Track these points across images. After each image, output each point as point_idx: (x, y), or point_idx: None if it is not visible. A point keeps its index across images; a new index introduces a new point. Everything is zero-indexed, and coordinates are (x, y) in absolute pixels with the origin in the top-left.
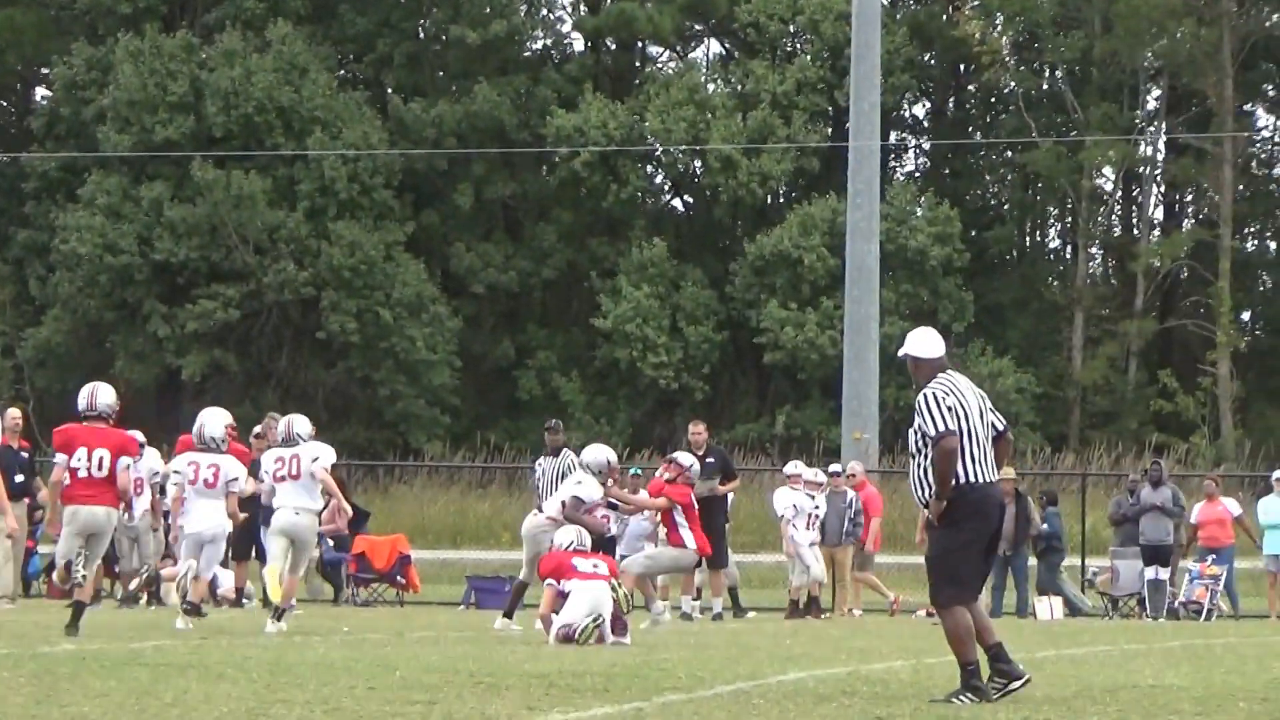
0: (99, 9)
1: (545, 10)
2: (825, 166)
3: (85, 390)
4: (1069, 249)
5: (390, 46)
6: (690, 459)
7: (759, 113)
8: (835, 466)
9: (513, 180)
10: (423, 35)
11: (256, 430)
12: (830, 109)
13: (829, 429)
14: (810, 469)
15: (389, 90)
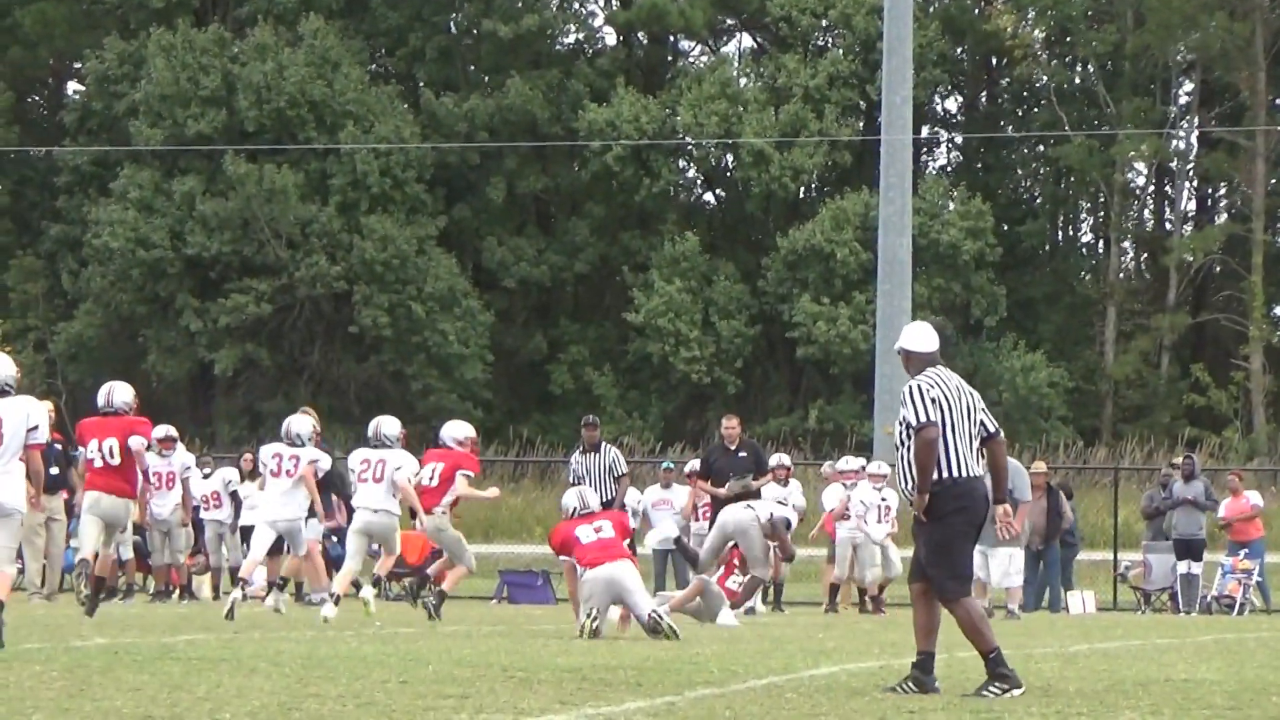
0: (131, 3)
1: (577, 4)
2: (857, 161)
3: (104, 388)
4: (1101, 243)
5: (422, 40)
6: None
7: (791, 107)
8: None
9: (545, 174)
10: (454, 29)
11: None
12: (862, 103)
13: (861, 423)
14: (873, 462)
15: (421, 84)
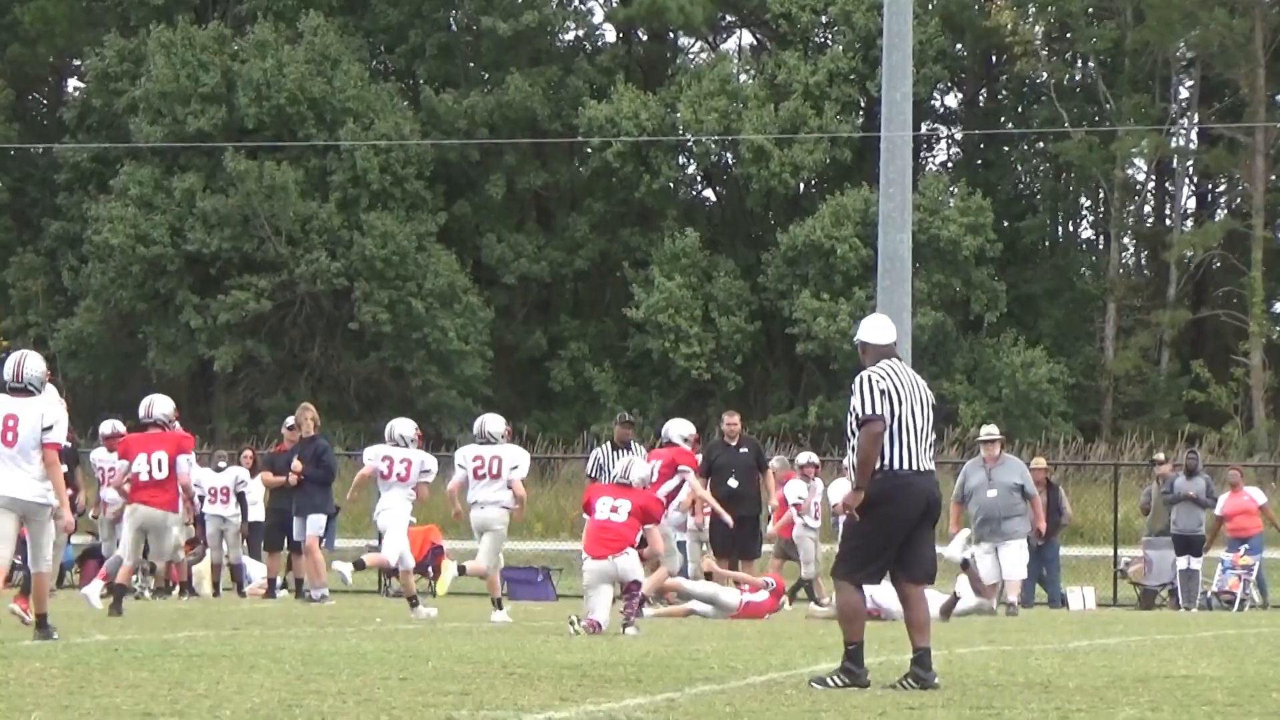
0: (131, 0)
1: (577, 1)
2: (857, 157)
3: (144, 402)
4: (1101, 239)
5: (422, 37)
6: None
7: (791, 103)
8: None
9: (545, 171)
10: (454, 26)
11: (289, 422)
12: (862, 99)
13: None
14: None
15: (421, 81)
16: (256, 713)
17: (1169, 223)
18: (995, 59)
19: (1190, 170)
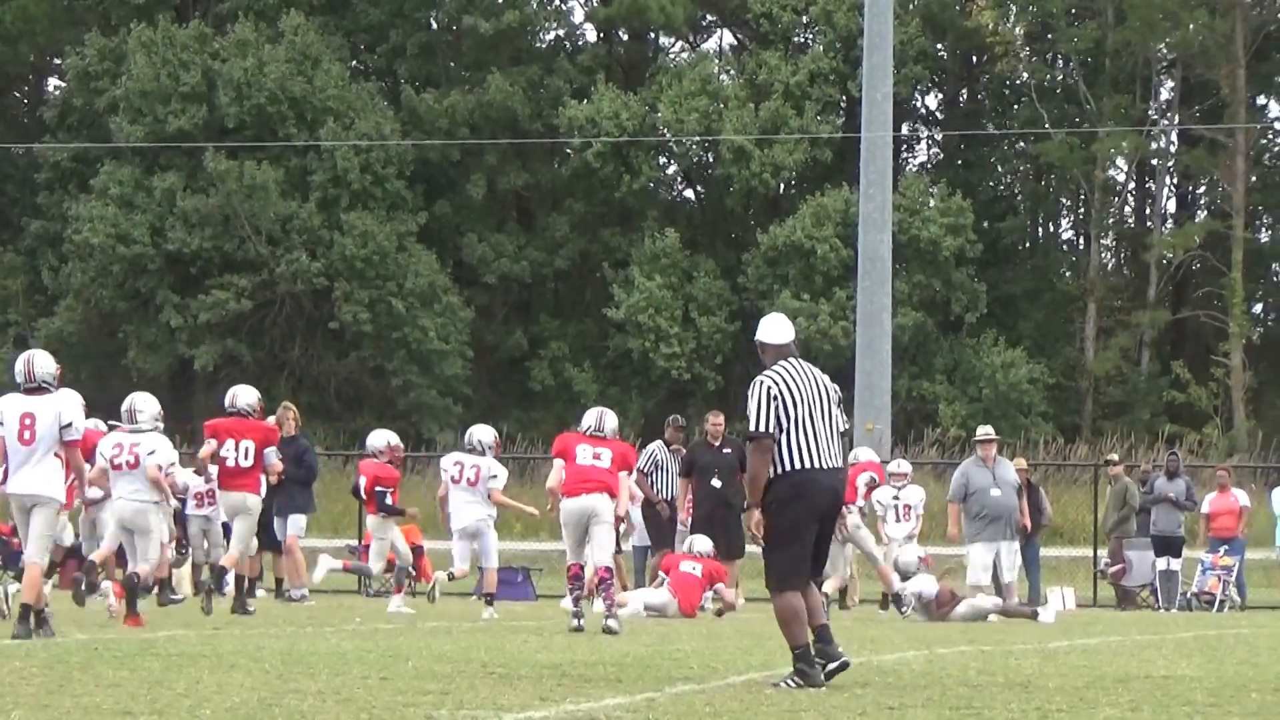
0: None
1: (557, 1)
2: (838, 157)
3: (230, 392)
4: (1081, 240)
5: (403, 37)
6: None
7: (771, 103)
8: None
9: (525, 171)
10: (435, 26)
11: (270, 421)
12: (843, 100)
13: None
14: (893, 461)
15: (402, 81)
16: (236, 712)
17: (1149, 224)
18: (976, 59)
19: (1170, 171)
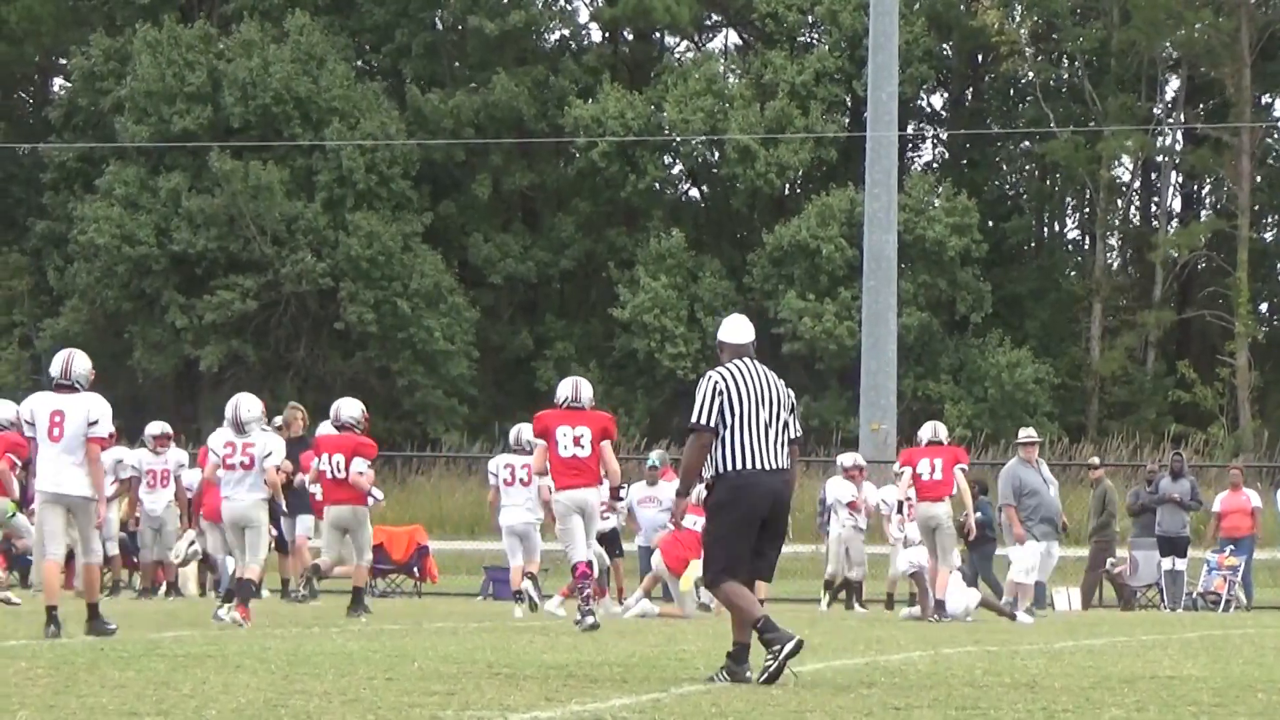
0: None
1: (563, 1)
2: (843, 157)
3: (333, 406)
4: (1087, 239)
5: (408, 37)
6: None
7: (777, 103)
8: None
9: (530, 171)
10: (440, 26)
11: (278, 421)
12: (848, 99)
13: (847, 419)
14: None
15: (407, 81)
16: (242, 713)
17: (1155, 223)
18: (981, 59)
19: (1176, 170)
